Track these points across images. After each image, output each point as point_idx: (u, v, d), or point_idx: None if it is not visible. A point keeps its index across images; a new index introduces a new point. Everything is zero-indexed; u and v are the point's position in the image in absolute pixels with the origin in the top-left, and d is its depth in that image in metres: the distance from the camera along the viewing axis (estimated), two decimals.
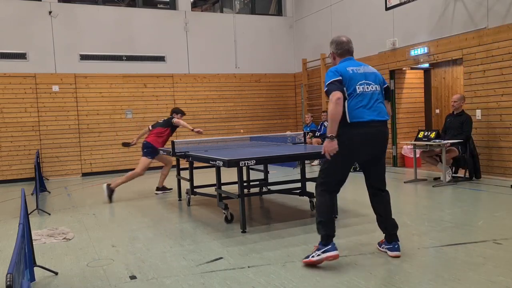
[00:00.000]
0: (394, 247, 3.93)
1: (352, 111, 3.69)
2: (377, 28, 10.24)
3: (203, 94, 12.24)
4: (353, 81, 3.74)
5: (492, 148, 7.89)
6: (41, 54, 10.61)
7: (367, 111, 3.71)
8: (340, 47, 3.94)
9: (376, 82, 3.85)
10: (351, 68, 3.80)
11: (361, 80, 3.77)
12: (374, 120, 3.72)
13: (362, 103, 3.71)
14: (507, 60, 7.52)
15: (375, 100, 3.79)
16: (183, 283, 3.54)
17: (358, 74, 3.78)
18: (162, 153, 7.44)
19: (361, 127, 3.69)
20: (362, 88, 3.75)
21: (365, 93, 3.75)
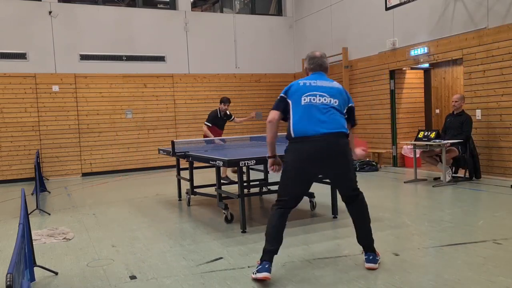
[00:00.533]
0: (368, 258, 3.67)
1: (296, 125, 3.50)
2: (377, 28, 10.24)
3: (203, 94, 12.24)
4: (299, 92, 3.55)
5: (492, 148, 7.89)
6: (41, 54, 10.60)
7: (313, 124, 3.45)
8: (312, 61, 3.80)
9: (334, 96, 3.58)
10: (304, 82, 3.63)
11: (310, 92, 3.54)
12: (322, 133, 3.43)
13: (308, 115, 3.48)
14: (507, 60, 7.52)
15: (326, 111, 3.51)
16: (183, 283, 3.53)
17: (309, 87, 3.58)
18: None
19: (306, 142, 3.46)
20: (308, 99, 3.51)
21: (312, 105, 3.50)
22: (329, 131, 3.46)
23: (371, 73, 10.46)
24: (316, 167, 3.54)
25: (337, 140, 3.50)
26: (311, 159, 3.48)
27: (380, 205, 6.09)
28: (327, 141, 3.45)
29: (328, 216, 5.53)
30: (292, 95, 3.58)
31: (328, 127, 3.47)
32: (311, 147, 3.45)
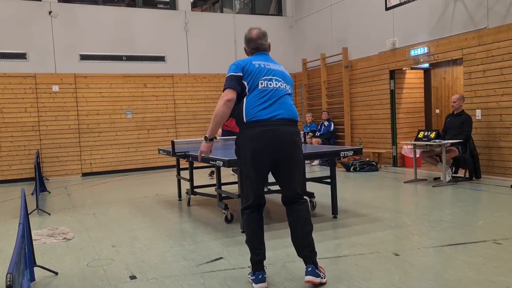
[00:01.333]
0: (307, 270, 3.28)
1: (249, 109, 3.24)
2: (377, 28, 10.24)
3: (203, 94, 12.24)
4: (257, 75, 3.31)
5: (492, 148, 7.89)
6: (41, 54, 10.60)
7: (267, 109, 3.24)
8: (248, 44, 3.57)
9: (286, 81, 3.43)
10: (258, 62, 3.39)
11: (267, 76, 3.33)
12: (277, 118, 3.23)
13: (263, 99, 3.26)
14: (507, 60, 7.52)
15: (281, 96, 3.32)
16: (183, 283, 3.53)
17: (264, 68, 3.36)
18: None
19: (258, 127, 3.20)
20: (266, 83, 3.30)
21: (269, 89, 3.30)
22: (283, 116, 3.26)
23: (371, 73, 10.46)
24: (268, 154, 3.24)
25: (290, 128, 3.31)
26: (264, 145, 3.21)
27: (380, 205, 6.09)
28: (280, 127, 3.23)
29: (328, 216, 5.53)
30: (248, 76, 3.29)
31: (283, 113, 3.27)
32: (266, 131, 3.20)
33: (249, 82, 3.29)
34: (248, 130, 3.25)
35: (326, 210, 5.75)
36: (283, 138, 3.25)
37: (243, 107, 3.26)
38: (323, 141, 10.91)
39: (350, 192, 7.12)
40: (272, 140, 3.22)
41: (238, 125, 3.34)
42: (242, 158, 3.34)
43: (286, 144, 3.27)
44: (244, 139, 3.29)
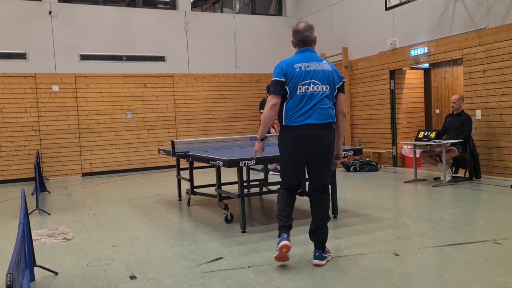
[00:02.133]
0: (315, 254, 3.79)
1: (288, 113, 3.68)
2: (377, 28, 10.24)
3: (203, 94, 12.24)
4: (297, 80, 3.64)
5: (492, 148, 7.89)
6: (41, 54, 10.60)
7: (303, 115, 3.63)
8: (295, 36, 3.81)
9: (325, 82, 3.69)
10: (299, 65, 3.68)
11: (306, 80, 3.64)
12: (310, 124, 3.63)
13: (300, 105, 3.64)
14: (507, 60, 7.52)
15: (317, 101, 3.65)
16: (183, 283, 3.54)
17: (304, 72, 3.65)
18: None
19: (294, 130, 3.67)
20: (304, 88, 3.64)
21: (306, 94, 3.64)
22: (315, 121, 3.65)
23: (371, 73, 10.46)
24: (300, 154, 3.73)
25: (322, 131, 3.69)
26: (297, 146, 3.70)
27: (380, 205, 6.09)
28: (312, 131, 3.65)
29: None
30: (289, 82, 3.66)
31: (316, 119, 3.65)
32: (300, 135, 3.66)
33: (290, 87, 3.67)
34: (287, 132, 3.73)
35: None
36: (314, 141, 3.68)
37: (283, 111, 3.71)
38: None
39: (350, 192, 7.12)
40: (304, 143, 3.68)
41: (280, 124, 3.78)
42: (282, 153, 3.85)
43: (316, 146, 3.70)
44: (284, 139, 3.78)
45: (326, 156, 3.78)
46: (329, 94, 3.72)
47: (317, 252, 3.79)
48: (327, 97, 3.71)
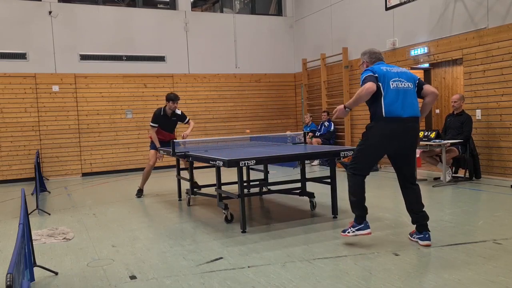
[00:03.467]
0: (425, 236, 4.21)
1: (388, 106, 3.99)
2: (377, 28, 10.24)
3: (203, 94, 12.24)
4: (387, 78, 4.04)
5: (492, 148, 7.89)
6: (41, 54, 10.60)
7: (402, 107, 4.00)
8: (373, 56, 4.34)
9: (409, 80, 4.13)
10: (384, 68, 4.12)
11: (395, 77, 4.06)
12: (408, 117, 4.02)
13: (397, 99, 4.01)
14: (507, 60, 7.52)
15: (409, 96, 4.07)
16: (183, 283, 3.54)
17: (391, 72, 4.09)
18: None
19: (394, 122, 3.99)
20: (395, 84, 4.04)
21: (399, 89, 4.04)
22: (412, 115, 4.05)
23: None
24: (394, 145, 4.09)
25: (416, 124, 4.12)
26: (394, 138, 4.03)
27: (380, 205, 6.09)
28: (409, 124, 4.04)
29: (328, 216, 5.53)
30: (381, 78, 4.02)
31: (412, 112, 4.05)
32: (399, 127, 4.00)
33: (383, 83, 4.01)
34: (386, 123, 4.00)
35: (326, 210, 5.75)
36: (412, 133, 4.08)
37: (382, 104, 3.99)
38: (323, 141, 10.91)
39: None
40: (402, 135, 4.04)
41: (375, 117, 4.05)
42: (373, 141, 4.10)
43: (413, 138, 4.11)
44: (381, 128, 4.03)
45: (415, 148, 4.22)
46: (413, 90, 4.14)
47: (426, 234, 4.20)
48: (413, 92, 4.13)
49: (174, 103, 7.43)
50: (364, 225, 4.24)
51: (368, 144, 4.15)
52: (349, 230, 4.27)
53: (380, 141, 4.08)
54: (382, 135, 4.05)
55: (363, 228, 4.23)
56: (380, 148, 4.15)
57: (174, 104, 7.44)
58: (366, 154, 4.19)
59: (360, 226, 4.23)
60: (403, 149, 4.15)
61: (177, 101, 7.50)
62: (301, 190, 6.09)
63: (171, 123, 7.63)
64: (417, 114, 4.12)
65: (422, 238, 4.22)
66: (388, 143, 4.08)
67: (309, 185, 6.24)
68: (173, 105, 7.44)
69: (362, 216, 4.23)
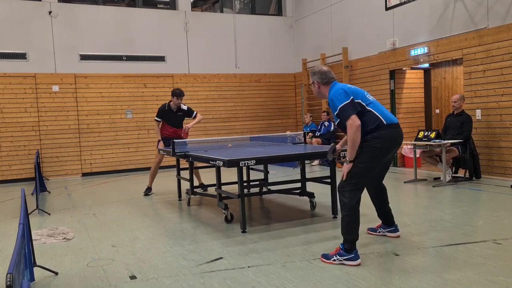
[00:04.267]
0: (396, 228, 4.46)
1: (382, 114, 3.94)
2: (377, 28, 10.24)
3: (203, 94, 12.24)
4: (359, 92, 3.98)
5: (492, 148, 7.89)
6: (41, 54, 10.60)
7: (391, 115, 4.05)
8: (325, 76, 4.07)
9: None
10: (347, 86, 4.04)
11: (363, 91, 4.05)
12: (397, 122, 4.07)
13: (383, 108, 4.03)
14: (507, 60, 7.52)
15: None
16: (183, 283, 3.54)
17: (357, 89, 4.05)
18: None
19: (395, 127, 3.99)
20: (370, 97, 4.03)
21: (374, 100, 4.06)
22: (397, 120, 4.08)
23: (371, 73, 10.46)
24: (395, 149, 4.06)
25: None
26: (397, 142, 4.03)
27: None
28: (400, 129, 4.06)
29: (328, 216, 5.53)
30: (357, 96, 3.92)
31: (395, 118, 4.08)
32: (399, 131, 4.02)
33: (361, 98, 3.93)
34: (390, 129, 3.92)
35: (326, 210, 5.75)
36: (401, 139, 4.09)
37: (376, 114, 3.90)
38: (323, 141, 10.91)
39: None
40: (401, 139, 4.07)
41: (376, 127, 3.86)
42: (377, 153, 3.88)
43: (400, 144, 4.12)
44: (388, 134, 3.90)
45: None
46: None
47: (396, 226, 4.45)
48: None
49: (178, 99, 7.52)
50: (355, 254, 3.77)
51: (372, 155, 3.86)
52: (334, 258, 3.80)
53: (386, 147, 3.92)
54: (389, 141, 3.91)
55: (353, 259, 3.75)
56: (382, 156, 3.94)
57: (179, 99, 7.52)
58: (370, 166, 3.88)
59: (350, 256, 3.76)
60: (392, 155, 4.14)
61: (182, 97, 7.57)
62: (301, 190, 6.09)
63: (177, 118, 7.71)
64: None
65: (393, 230, 4.46)
66: (392, 148, 3.99)
67: (309, 185, 6.24)
68: (177, 100, 7.52)
69: (354, 241, 3.81)
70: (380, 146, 3.87)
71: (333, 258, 3.81)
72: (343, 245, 3.82)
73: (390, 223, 4.46)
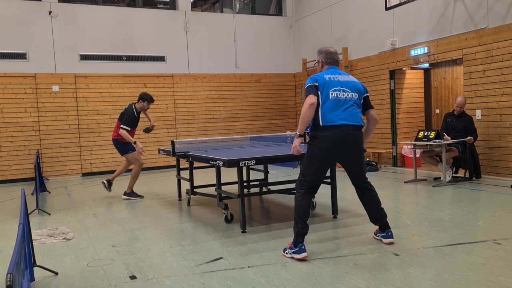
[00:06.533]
0: (387, 234, 4.30)
1: (325, 115, 3.96)
2: (377, 28, 10.24)
3: (203, 94, 12.24)
4: (327, 87, 4.01)
5: (492, 148, 7.89)
6: (41, 54, 10.60)
7: (339, 116, 3.97)
8: (329, 56, 4.25)
9: (353, 90, 4.11)
10: (328, 76, 4.08)
11: (336, 87, 4.03)
12: (345, 124, 3.98)
13: (335, 108, 3.99)
14: (507, 60, 7.52)
15: (349, 106, 4.04)
16: (183, 283, 3.54)
17: (334, 81, 4.06)
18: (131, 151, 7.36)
19: (332, 130, 3.96)
20: (335, 94, 4.01)
21: (339, 99, 4.01)
22: (350, 123, 4.00)
23: (371, 73, 10.46)
24: (338, 153, 4.06)
25: (356, 132, 4.06)
26: (336, 146, 3.99)
27: None
28: (348, 131, 3.99)
29: (328, 216, 5.53)
30: (321, 87, 4.01)
31: (350, 120, 4.00)
32: (338, 135, 3.96)
33: (323, 92, 4.00)
34: (324, 131, 3.96)
35: (326, 210, 5.75)
36: (352, 140, 4.04)
37: (319, 113, 3.97)
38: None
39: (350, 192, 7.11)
40: (343, 143, 4.00)
41: (315, 127, 4.01)
42: (314, 152, 4.02)
43: (355, 145, 4.09)
44: (321, 137, 3.98)
45: (361, 153, 4.23)
46: (357, 101, 4.13)
47: (388, 232, 4.30)
48: (356, 103, 4.12)
49: (149, 104, 7.50)
50: (299, 248, 3.94)
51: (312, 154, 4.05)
52: (287, 251, 4.04)
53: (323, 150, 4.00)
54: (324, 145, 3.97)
55: (298, 252, 3.94)
56: (323, 157, 4.04)
57: (149, 105, 7.51)
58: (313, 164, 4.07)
59: (295, 250, 3.96)
60: (347, 157, 4.15)
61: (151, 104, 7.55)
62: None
63: (138, 121, 7.60)
64: (356, 122, 4.04)
65: (385, 236, 4.32)
66: (331, 152, 4.01)
67: None
68: (147, 105, 7.48)
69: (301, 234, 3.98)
70: (317, 145, 4.01)
71: (286, 251, 4.06)
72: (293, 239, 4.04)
73: (383, 228, 4.35)
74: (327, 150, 4.00)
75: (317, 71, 4.33)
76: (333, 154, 4.06)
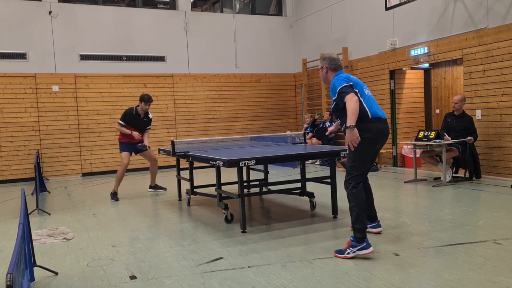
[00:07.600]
0: (378, 224, 4.64)
1: (370, 108, 4.15)
2: (377, 28, 10.24)
3: (203, 94, 12.24)
4: (360, 85, 4.24)
5: (492, 148, 7.89)
6: (41, 54, 10.60)
7: (379, 110, 4.23)
8: (333, 62, 4.40)
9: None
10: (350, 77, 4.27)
11: (363, 85, 4.28)
12: (385, 118, 4.25)
13: (373, 103, 4.22)
14: (507, 60, 7.52)
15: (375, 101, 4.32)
16: (183, 283, 3.54)
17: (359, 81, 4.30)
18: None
19: (379, 122, 4.16)
20: (367, 91, 4.25)
21: (370, 95, 4.25)
22: (385, 117, 4.27)
23: (371, 73, 10.46)
24: (381, 143, 4.23)
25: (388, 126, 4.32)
26: (382, 136, 4.19)
27: (380, 205, 6.07)
28: (387, 125, 4.26)
29: (328, 216, 5.53)
30: (356, 86, 4.17)
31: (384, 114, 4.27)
32: (384, 126, 4.19)
33: (359, 89, 4.18)
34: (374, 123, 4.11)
35: (326, 210, 5.75)
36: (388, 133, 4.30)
37: (365, 107, 4.11)
38: (323, 142, 10.91)
39: None
40: (386, 133, 4.24)
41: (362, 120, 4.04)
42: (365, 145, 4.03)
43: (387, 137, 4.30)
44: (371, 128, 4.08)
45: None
46: None
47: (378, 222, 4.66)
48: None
49: (146, 105, 7.55)
50: (366, 243, 3.94)
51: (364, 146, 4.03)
52: (348, 251, 3.93)
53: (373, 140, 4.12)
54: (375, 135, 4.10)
55: (366, 247, 3.92)
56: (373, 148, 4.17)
57: (146, 105, 7.56)
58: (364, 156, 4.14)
59: (362, 245, 3.92)
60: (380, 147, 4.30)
61: (150, 103, 7.61)
62: (301, 190, 6.08)
63: (142, 123, 7.72)
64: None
65: (374, 226, 4.61)
66: (378, 141, 4.18)
67: (309, 185, 6.24)
68: (145, 106, 7.56)
69: (364, 229, 3.99)
70: (369, 137, 4.07)
71: (346, 251, 3.94)
72: (353, 237, 3.98)
73: (373, 218, 4.60)
74: (375, 140, 4.14)
75: (321, 78, 4.50)
76: (378, 145, 4.20)
